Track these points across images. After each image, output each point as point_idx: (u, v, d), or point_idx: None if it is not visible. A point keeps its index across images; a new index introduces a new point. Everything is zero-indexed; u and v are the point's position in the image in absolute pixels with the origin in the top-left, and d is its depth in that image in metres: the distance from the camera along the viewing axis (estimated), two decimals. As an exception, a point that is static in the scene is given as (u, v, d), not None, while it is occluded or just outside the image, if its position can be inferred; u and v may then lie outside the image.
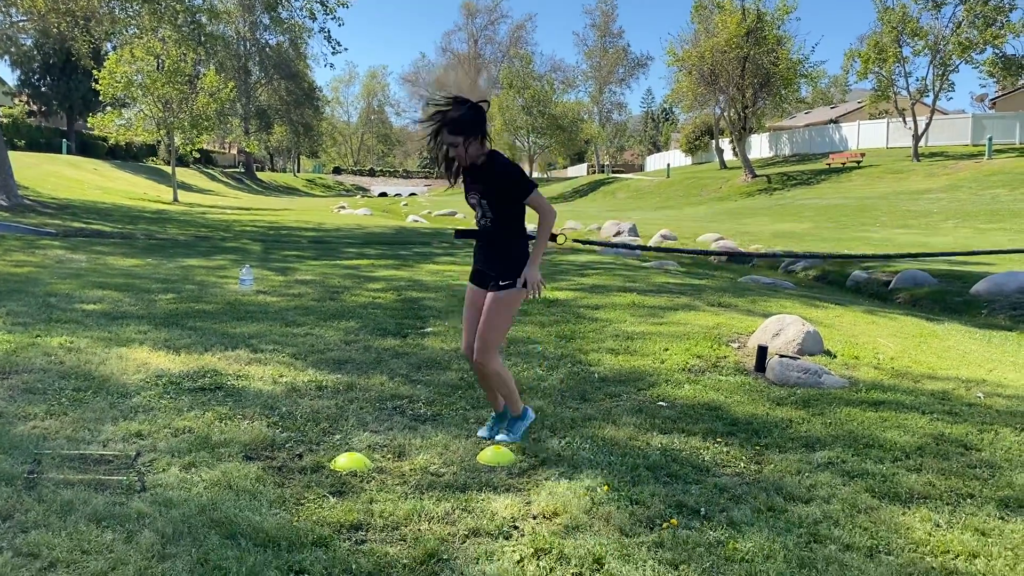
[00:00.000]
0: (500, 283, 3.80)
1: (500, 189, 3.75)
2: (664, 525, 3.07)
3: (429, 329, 6.73)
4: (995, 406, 4.92)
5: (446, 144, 3.70)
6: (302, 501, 3.22)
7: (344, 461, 3.64)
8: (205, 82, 32.30)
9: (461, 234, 4.08)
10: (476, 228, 3.98)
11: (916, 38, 39.53)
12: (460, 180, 3.91)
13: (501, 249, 3.85)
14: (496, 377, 3.92)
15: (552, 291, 8.87)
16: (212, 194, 43.97)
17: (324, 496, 3.28)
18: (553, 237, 4.38)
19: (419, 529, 3.01)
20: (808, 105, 59.22)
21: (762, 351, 5.61)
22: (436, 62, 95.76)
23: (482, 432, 4.13)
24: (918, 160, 37.73)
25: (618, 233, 20.31)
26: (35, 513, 2.94)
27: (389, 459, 3.77)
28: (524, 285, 3.81)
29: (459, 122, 3.64)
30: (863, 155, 41.07)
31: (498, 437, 4.02)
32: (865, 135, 46.46)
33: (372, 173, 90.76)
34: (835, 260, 15.06)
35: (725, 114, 45.18)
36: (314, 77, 73.23)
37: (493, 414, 4.21)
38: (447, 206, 38.34)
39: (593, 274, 10.70)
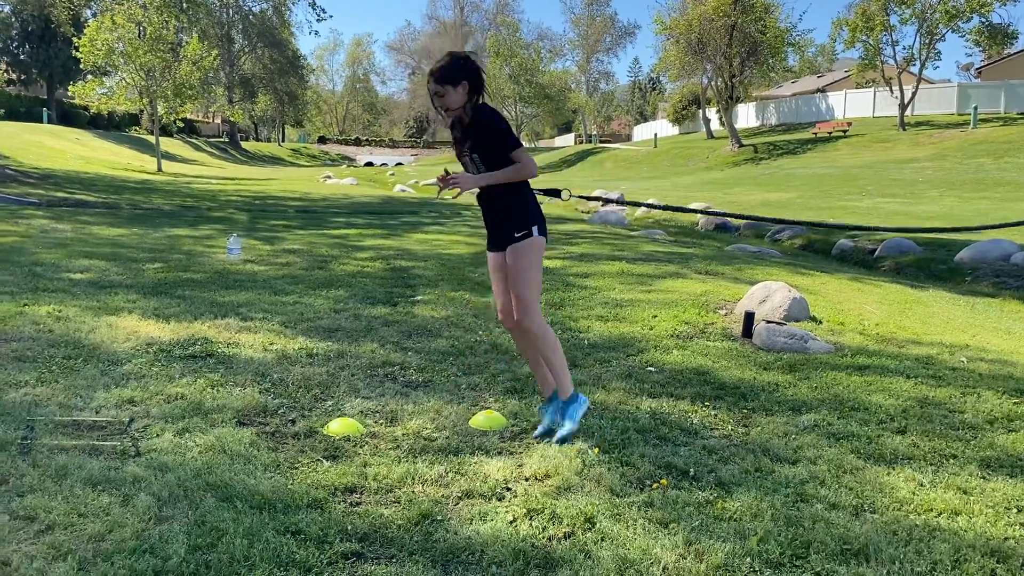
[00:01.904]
0: (516, 235, 3.64)
1: (486, 140, 3.60)
2: (654, 486, 3.12)
3: (419, 298, 6.74)
4: (978, 370, 5.00)
5: (432, 95, 3.60)
6: (296, 465, 3.25)
7: (337, 426, 3.67)
8: (188, 50, 31.82)
9: (444, 180, 3.81)
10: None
11: (903, 6, 39.42)
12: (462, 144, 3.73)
13: (505, 204, 3.67)
14: (542, 339, 3.65)
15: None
16: (196, 164, 43.56)
17: (318, 460, 3.31)
18: (557, 193, 4.39)
19: (413, 491, 3.05)
20: (795, 74, 59.16)
21: (749, 317, 5.66)
22: (422, 30, 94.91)
23: (539, 431, 3.73)
24: (904, 129, 37.82)
25: (606, 203, 20.29)
26: (30, 478, 2.95)
27: (381, 424, 3.80)
28: (540, 233, 3.67)
29: (440, 70, 3.55)
30: (849, 124, 41.12)
31: (559, 433, 3.63)
32: (852, 104, 46.49)
33: (358, 143, 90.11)
34: (819, 228, 15.13)
35: (712, 83, 45.05)
36: (298, 45, 72.54)
37: (541, 404, 3.87)
38: (434, 175, 38.20)
39: (582, 243, 10.72)
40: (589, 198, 7.72)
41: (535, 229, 3.67)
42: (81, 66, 32.37)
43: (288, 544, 2.56)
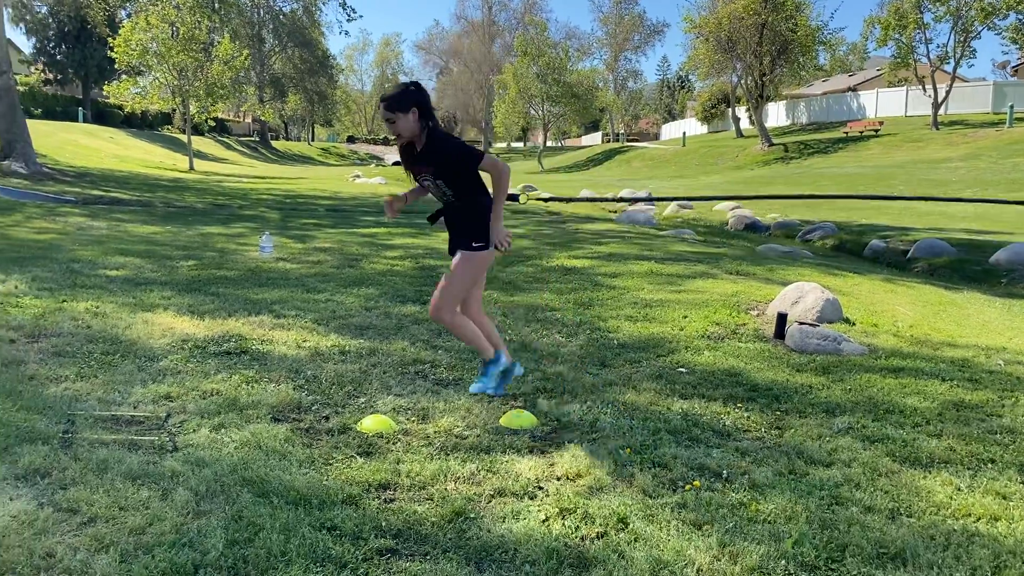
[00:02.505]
0: (473, 244, 3.84)
1: (447, 165, 3.78)
2: (687, 487, 3.11)
3: (448, 296, 6.76)
4: (1016, 373, 4.92)
5: (384, 121, 3.80)
6: (331, 461, 3.29)
7: (370, 423, 3.71)
8: (220, 50, 32.18)
9: (434, 218, 4.06)
10: (442, 207, 4.01)
11: (938, 4, 38.82)
12: (414, 170, 3.94)
13: (469, 216, 3.87)
14: (454, 328, 3.96)
15: (569, 259, 8.89)
16: (227, 163, 44.01)
17: (352, 456, 3.34)
18: (514, 197, 4.48)
19: (446, 489, 3.07)
20: (826, 73, 58.39)
21: (782, 318, 5.61)
22: (450, 29, 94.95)
23: (479, 388, 4.10)
24: (937, 128, 37.26)
25: (634, 201, 20.22)
26: (72, 471, 3.01)
27: (413, 421, 3.83)
28: (493, 247, 3.86)
29: (390, 98, 3.74)
30: (881, 123, 40.60)
31: (472, 387, 4.09)
32: (884, 103, 45.87)
33: (386, 142, 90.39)
34: (851, 230, 14.96)
35: (742, 82, 44.68)
36: (328, 45, 72.99)
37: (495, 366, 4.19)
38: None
39: (609, 242, 10.70)
40: (548, 199, 7.70)
41: (491, 242, 3.84)
42: (116, 66, 32.83)
43: (324, 540, 2.59)
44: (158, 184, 21.43)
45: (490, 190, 3.88)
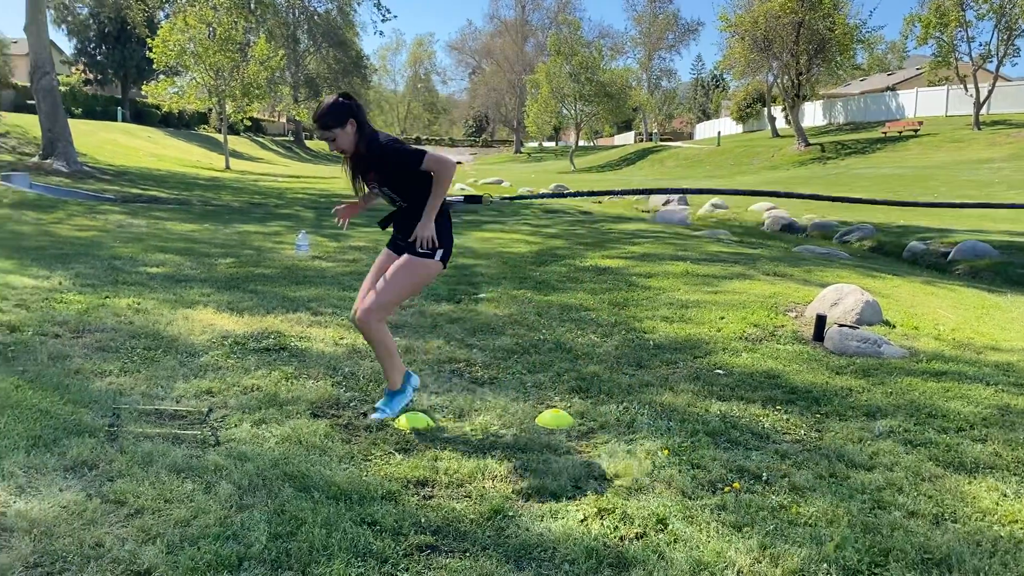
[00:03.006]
0: (419, 249, 3.63)
1: (390, 171, 3.62)
2: (726, 489, 3.09)
3: (482, 295, 6.79)
4: (1062, 379, 4.82)
5: (326, 140, 3.61)
6: (369, 457, 3.32)
7: (407, 420, 3.73)
8: (255, 50, 32.58)
9: (385, 223, 3.88)
10: (394, 209, 3.85)
11: (981, 1, 38.11)
12: (360, 182, 3.76)
13: (415, 219, 3.65)
14: (376, 337, 3.70)
15: (602, 259, 8.87)
16: (262, 162, 44.51)
17: (390, 453, 3.37)
18: (478, 199, 4.35)
19: (483, 486, 3.08)
20: (864, 72, 57.66)
21: (820, 320, 5.55)
22: (483, 29, 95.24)
23: (375, 416, 3.79)
24: (979, 128, 36.57)
25: (667, 202, 20.11)
26: (119, 463, 3.07)
27: (450, 419, 3.85)
28: (442, 259, 3.68)
29: (323, 116, 3.55)
30: (921, 123, 39.94)
31: (371, 416, 3.76)
32: (923, 103, 45.14)
33: (418, 142, 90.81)
34: (890, 231, 14.74)
35: (778, 81, 44.21)
36: (362, 45, 73.46)
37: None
38: (493, 174, 38.29)
39: (643, 242, 10.65)
40: (512, 198, 7.65)
41: (439, 253, 3.67)
42: (154, 66, 33.37)
43: (365, 535, 2.61)
44: (195, 183, 21.74)
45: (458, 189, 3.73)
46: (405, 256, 3.68)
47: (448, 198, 3.87)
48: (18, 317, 5.23)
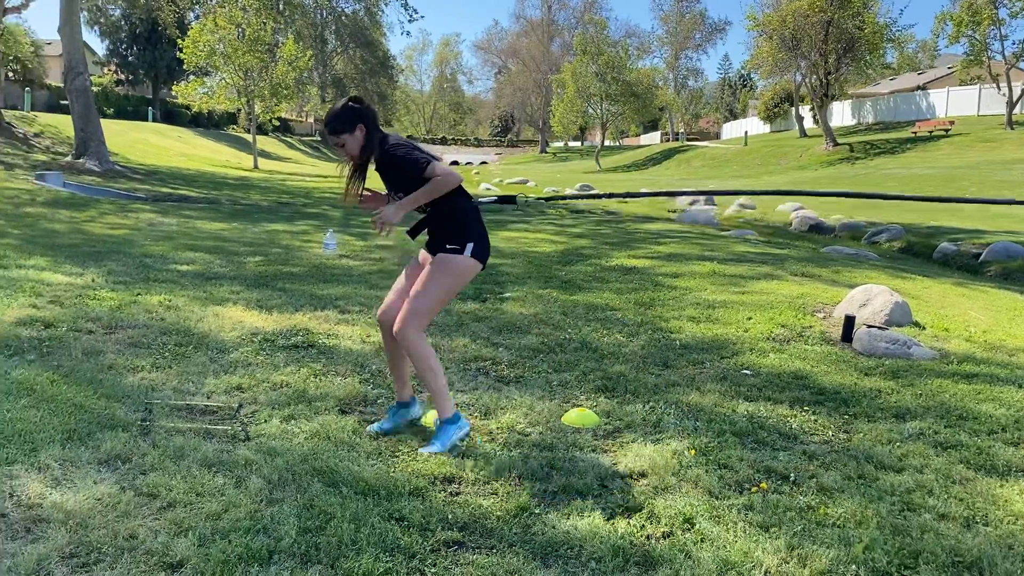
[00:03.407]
0: (447, 246, 3.50)
1: (398, 176, 3.50)
2: (753, 489, 3.08)
3: (507, 294, 6.80)
4: (1097, 382, 4.74)
5: (336, 146, 3.51)
6: (397, 453, 3.34)
7: (434, 418, 3.74)
8: (284, 51, 32.87)
9: (414, 232, 3.71)
10: (421, 217, 3.69)
11: (1014, -1, 37.53)
12: (358, 187, 3.61)
13: (442, 219, 3.56)
14: (417, 357, 3.44)
15: (628, 259, 8.85)
16: (290, 162, 44.88)
17: (417, 449, 3.39)
18: (512, 199, 4.27)
19: (510, 484, 3.09)
20: (894, 71, 56.99)
21: (849, 321, 5.51)
22: (509, 29, 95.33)
23: (375, 426, 3.60)
24: (1012, 128, 35.99)
25: (694, 202, 20.03)
26: (151, 457, 3.12)
27: (476, 417, 3.87)
28: (473, 255, 3.50)
29: (332, 121, 3.48)
30: (952, 123, 39.38)
31: (423, 449, 3.38)
32: (955, 102, 44.51)
33: (444, 142, 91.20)
34: (920, 231, 14.57)
35: (806, 80, 43.82)
36: (388, 46, 73.84)
37: (394, 403, 3.75)
38: (518, 174, 38.34)
39: (669, 242, 10.62)
40: (550, 199, 7.62)
41: (469, 247, 3.49)
42: (184, 67, 33.79)
43: (392, 530, 2.64)
44: (224, 182, 21.97)
45: (466, 190, 3.61)
46: (437, 258, 3.52)
47: (482, 200, 3.83)
48: (53, 313, 5.33)
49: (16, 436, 3.22)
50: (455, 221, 3.53)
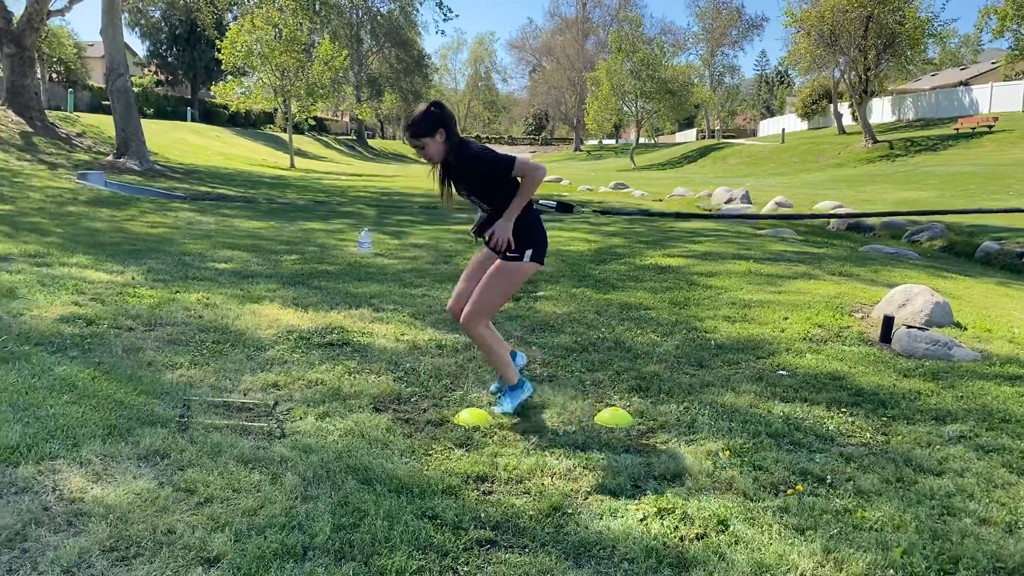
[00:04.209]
0: (508, 253, 3.73)
1: (479, 181, 3.71)
2: (789, 491, 3.05)
3: (541, 293, 6.79)
4: None
5: (416, 148, 3.71)
6: (430, 452, 3.36)
7: (467, 416, 3.77)
8: (320, 51, 33.16)
9: (480, 231, 3.89)
10: (486, 217, 3.88)
11: (1062, -9, 36.61)
12: (448, 190, 3.83)
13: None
14: (480, 341, 3.81)
15: (663, 258, 8.79)
16: (326, 160, 45.28)
17: (450, 448, 3.40)
18: (570, 208, 4.34)
19: (543, 483, 3.09)
20: (935, 67, 55.88)
21: (888, 321, 5.42)
22: (543, 27, 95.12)
23: (497, 408, 3.92)
24: (1059, 124, 35.14)
25: (730, 200, 19.84)
26: (189, 453, 3.17)
27: (509, 416, 3.87)
28: (532, 259, 3.76)
29: (415, 125, 3.65)
30: (996, 119, 38.54)
31: (494, 408, 3.91)
32: (999, 98, 43.53)
33: (478, 140, 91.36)
34: (961, 230, 14.27)
35: (845, 77, 43.15)
36: (423, 45, 74.18)
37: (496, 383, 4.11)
38: (552, 172, 38.26)
39: (705, 241, 10.53)
40: (608, 212, 7.52)
41: (528, 254, 3.75)
42: (222, 67, 34.23)
43: (426, 528, 2.65)
44: (261, 181, 22.23)
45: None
46: (498, 261, 3.77)
47: (542, 201, 3.95)
48: (94, 311, 5.43)
49: (59, 431, 3.29)
50: (520, 230, 3.71)
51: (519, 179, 3.66)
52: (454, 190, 3.83)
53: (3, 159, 17.36)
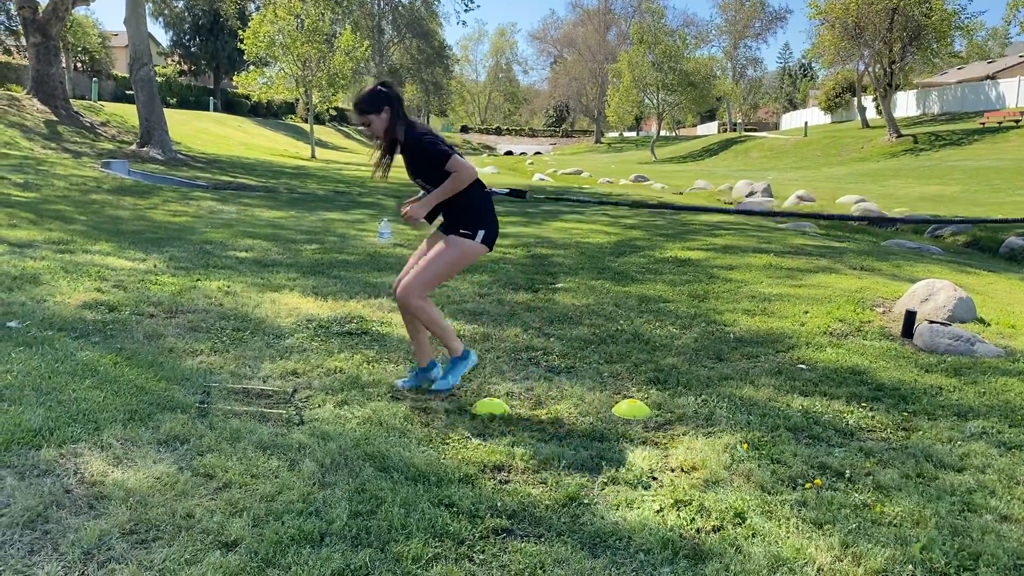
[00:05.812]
0: (460, 231, 3.83)
1: (421, 162, 3.81)
2: (807, 485, 3.03)
3: (559, 285, 6.79)
4: None
5: (363, 125, 3.83)
6: (447, 441, 3.37)
7: (484, 406, 3.77)
8: (341, 41, 33.18)
9: (432, 216, 3.99)
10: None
11: (1093, -16, 35.93)
12: (384, 165, 3.97)
13: (456, 208, 3.86)
14: (420, 312, 3.83)
15: (682, 251, 8.75)
16: (347, 151, 45.38)
17: (467, 437, 3.41)
18: (522, 194, 4.41)
19: (559, 473, 3.09)
20: (962, 60, 55.09)
21: (910, 316, 5.36)
22: (565, 18, 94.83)
23: (400, 382, 4.02)
24: (1088, 119, 34.59)
25: (751, 193, 19.71)
26: (208, 439, 3.19)
27: (527, 407, 3.87)
28: (483, 241, 3.85)
29: (360, 103, 3.79)
30: (1023, 114, 38.00)
31: (436, 385, 3.96)
32: (1027, 92, 42.89)
33: (498, 132, 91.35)
34: (986, 225, 14.11)
35: (869, 70, 42.69)
36: (444, 36, 74.20)
37: (415, 367, 4.12)
38: (572, 165, 38.18)
39: (725, 234, 10.46)
40: (558, 198, 7.47)
41: (480, 234, 3.85)
42: (244, 57, 34.35)
43: (442, 516, 2.66)
44: (282, 171, 22.32)
45: (481, 181, 3.91)
46: (448, 237, 3.86)
47: (495, 189, 4.04)
48: (116, 297, 5.49)
49: (81, 415, 3.33)
50: (469, 209, 3.86)
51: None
52: (399, 172, 3.95)
53: (28, 147, 17.55)
